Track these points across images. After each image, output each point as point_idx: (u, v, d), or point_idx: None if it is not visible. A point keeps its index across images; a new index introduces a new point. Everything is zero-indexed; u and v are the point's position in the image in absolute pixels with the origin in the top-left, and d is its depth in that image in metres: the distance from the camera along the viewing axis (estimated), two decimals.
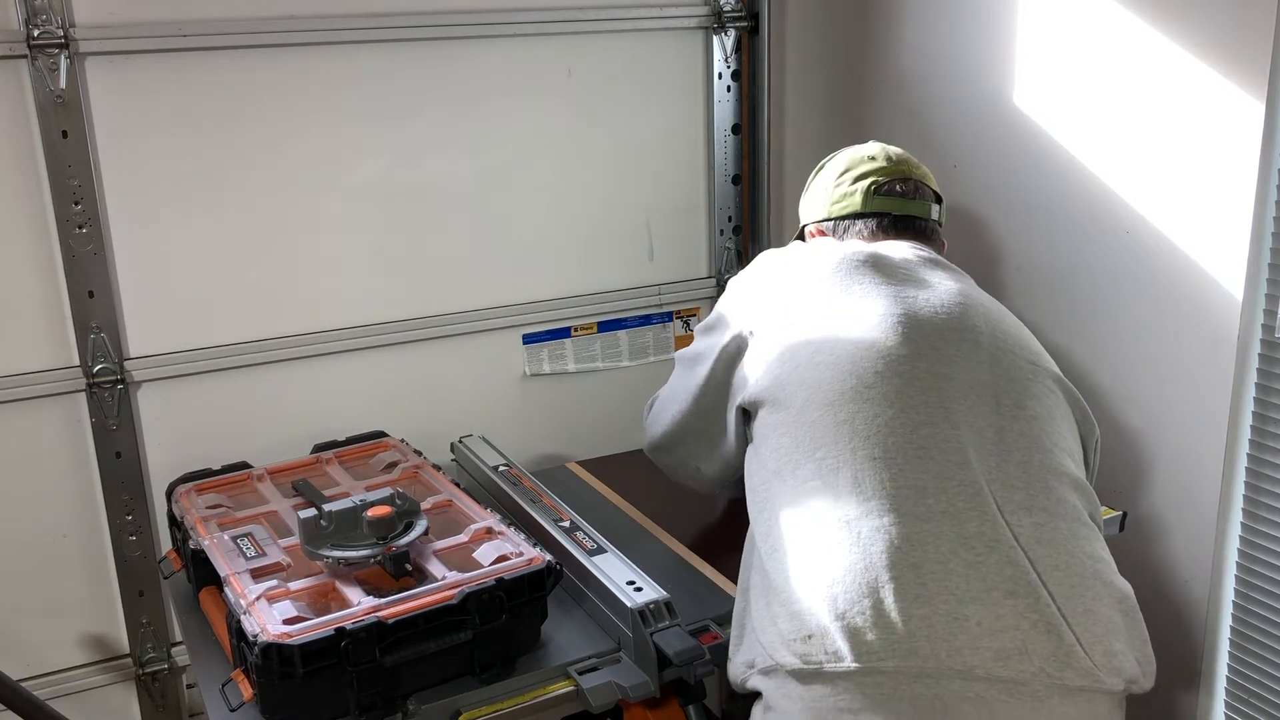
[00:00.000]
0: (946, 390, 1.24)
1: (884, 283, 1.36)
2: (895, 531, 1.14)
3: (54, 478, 1.89)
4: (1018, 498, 1.19)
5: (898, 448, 1.19)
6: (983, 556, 1.13)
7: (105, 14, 1.75)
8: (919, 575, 1.12)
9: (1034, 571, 1.14)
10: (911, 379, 1.25)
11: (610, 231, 2.24)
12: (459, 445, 2.03)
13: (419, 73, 1.99)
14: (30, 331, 1.82)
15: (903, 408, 1.22)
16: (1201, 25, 1.59)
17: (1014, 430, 1.24)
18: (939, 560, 1.12)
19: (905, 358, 1.26)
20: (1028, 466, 1.22)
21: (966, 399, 1.25)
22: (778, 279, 1.46)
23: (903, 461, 1.19)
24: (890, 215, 1.57)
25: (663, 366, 2.35)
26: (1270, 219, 1.56)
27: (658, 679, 1.41)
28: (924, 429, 1.21)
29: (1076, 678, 1.10)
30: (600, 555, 1.60)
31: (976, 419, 1.23)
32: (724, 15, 2.21)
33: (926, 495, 1.17)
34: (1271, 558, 1.64)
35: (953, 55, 2.02)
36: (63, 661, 1.96)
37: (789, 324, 1.38)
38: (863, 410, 1.22)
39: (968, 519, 1.15)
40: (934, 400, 1.23)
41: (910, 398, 1.23)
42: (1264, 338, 1.60)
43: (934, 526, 1.14)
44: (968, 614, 1.10)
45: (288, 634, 1.31)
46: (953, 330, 1.30)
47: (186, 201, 1.87)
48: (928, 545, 1.13)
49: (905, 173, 1.61)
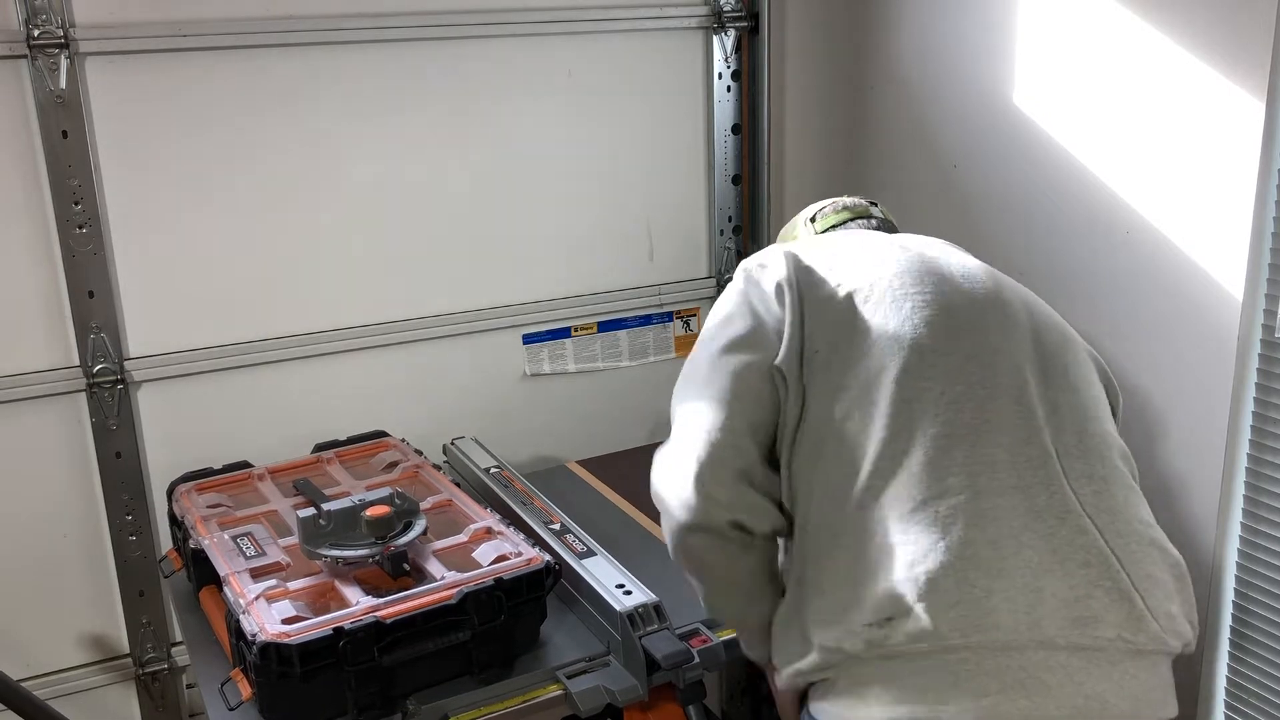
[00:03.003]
0: (1001, 365, 1.24)
1: (915, 261, 1.33)
2: (971, 509, 1.14)
3: (54, 478, 1.89)
4: (1078, 467, 1.21)
5: (966, 425, 1.19)
6: (1054, 528, 1.15)
7: (105, 14, 1.75)
8: (997, 550, 1.13)
9: (1102, 539, 1.16)
10: (969, 355, 1.23)
11: (610, 231, 2.24)
12: (451, 447, 2.03)
13: (419, 73, 1.99)
14: (30, 331, 1.82)
15: (967, 384, 1.21)
16: (1201, 25, 1.58)
17: (1065, 402, 1.25)
18: (1013, 534, 1.14)
19: (956, 333, 1.25)
20: (1082, 435, 1.23)
21: (1020, 373, 1.24)
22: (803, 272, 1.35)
23: (974, 438, 1.18)
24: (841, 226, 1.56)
25: (662, 366, 2.36)
26: (1270, 219, 1.56)
27: (647, 683, 1.41)
28: (989, 404, 1.20)
29: (1148, 641, 1.14)
30: (590, 558, 1.60)
31: (1032, 392, 1.23)
32: (724, 15, 2.21)
33: (998, 470, 1.17)
34: (1271, 558, 1.64)
35: (952, 55, 2.02)
36: (63, 661, 1.97)
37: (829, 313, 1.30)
38: (929, 389, 1.20)
39: (1037, 492, 1.16)
40: (991, 376, 1.22)
41: (971, 374, 1.22)
42: (1264, 338, 1.60)
43: (1007, 501, 1.15)
44: (1043, 585, 1.12)
45: (286, 633, 1.31)
46: (993, 306, 1.29)
47: (186, 201, 1.87)
48: (1002, 520, 1.14)
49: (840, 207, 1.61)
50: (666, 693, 1.45)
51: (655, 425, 2.37)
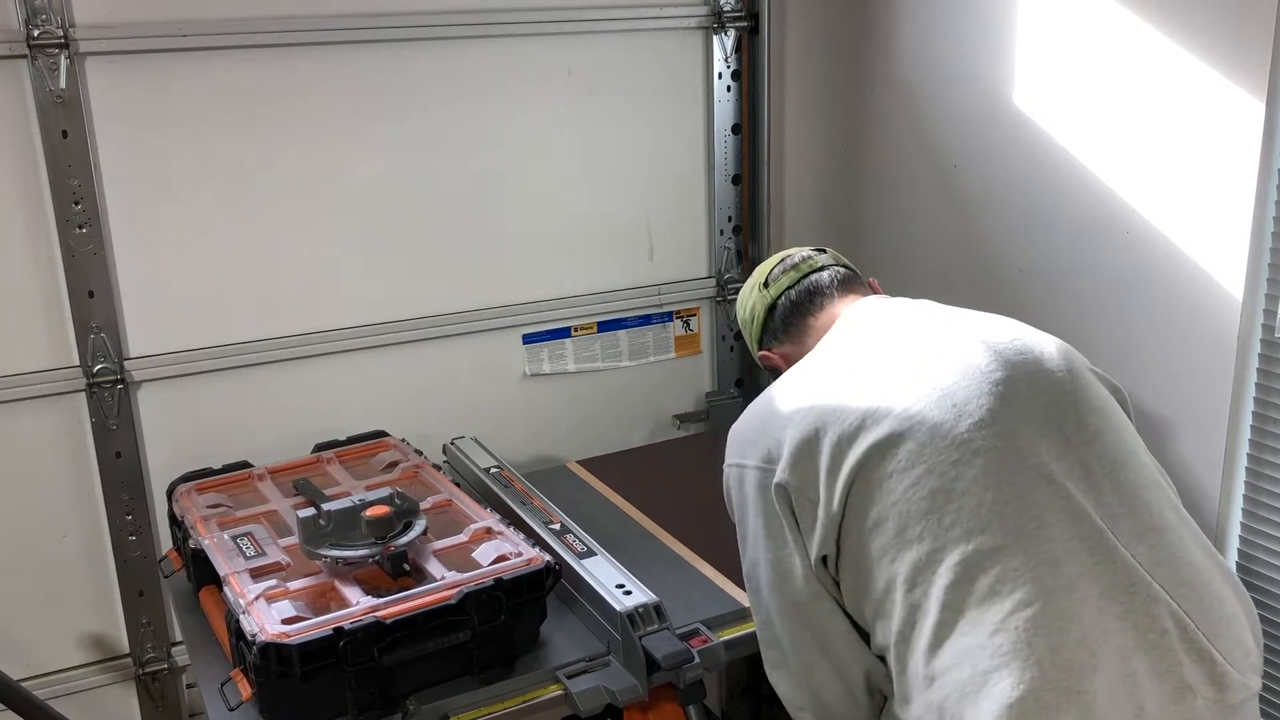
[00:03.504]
0: (1023, 447, 1.20)
1: (897, 360, 1.31)
2: (1049, 614, 1.12)
3: (54, 478, 1.89)
4: (1127, 526, 1.19)
5: (1015, 528, 1.16)
6: (1128, 604, 1.14)
7: (105, 14, 1.75)
8: (1087, 648, 1.12)
9: (1172, 601, 1.15)
10: (990, 454, 1.20)
11: (610, 231, 2.24)
12: (451, 447, 2.03)
13: (419, 73, 1.99)
14: (30, 331, 1.82)
15: (998, 486, 1.18)
16: (1201, 25, 1.58)
17: (1092, 455, 1.23)
18: (1095, 624, 1.12)
19: (969, 434, 1.21)
20: (1120, 489, 1.21)
21: (1041, 446, 1.21)
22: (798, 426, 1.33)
23: (1026, 542, 1.16)
24: (789, 288, 1.56)
25: (662, 366, 2.36)
26: (1270, 219, 1.56)
27: (646, 683, 1.41)
28: (1028, 498, 1.18)
29: (1234, 694, 1.15)
30: (590, 558, 1.60)
31: (1060, 462, 1.20)
32: (724, 15, 2.21)
33: (1060, 565, 1.14)
34: (1271, 558, 1.64)
35: (952, 55, 2.02)
36: (63, 661, 1.97)
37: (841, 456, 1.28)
38: (965, 506, 1.17)
39: (1102, 572, 1.15)
40: (1018, 464, 1.19)
41: (1000, 473, 1.19)
42: (1264, 338, 1.60)
43: (1080, 594, 1.14)
44: (1135, 668, 1.11)
45: (286, 634, 1.31)
46: (990, 382, 1.25)
47: (186, 201, 1.87)
48: (1081, 614, 1.13)
49: (780, 263, 1.61)
50: (666, 693, 1.45)
51: (655, 425, 2.37)
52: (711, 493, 2.06)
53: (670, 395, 2.38)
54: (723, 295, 2.36)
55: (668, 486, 2.02)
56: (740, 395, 2.42)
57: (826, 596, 1.30)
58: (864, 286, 1.58)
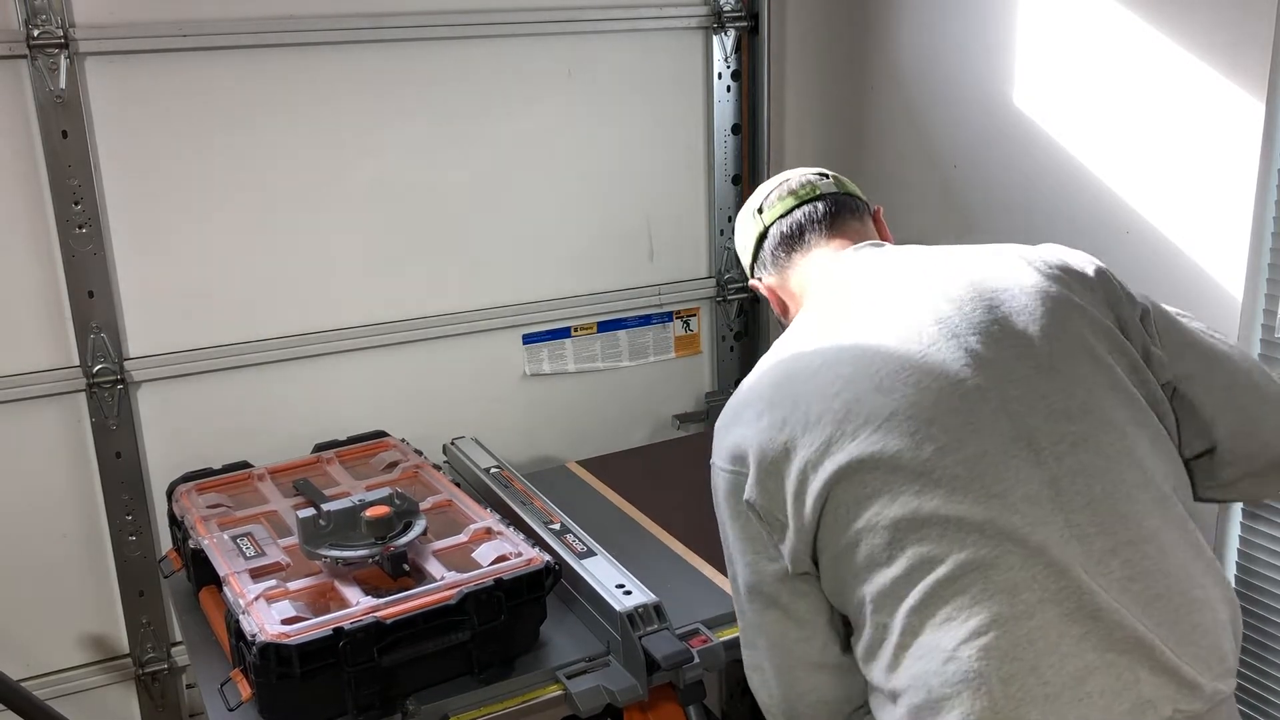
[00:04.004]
0: (987, 472, 1.17)
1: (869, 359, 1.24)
2: (1005, 643, 1.11)
3: (54, 478, 1.89)
4: (1098, 545, 1.15)
5: (973, 558, 1.14)
6: (1089, 628, 1.11)
7: (105, 14, 1.75)
8: (1040, 676, 1.10)
9: (1138, 620, 1.13)
10: (954, 482, 1.16)
11: (610, 231, 2.24)
12: (451, 447, 2.03)
13: (419, 72, 1.99)
14: (30, 331, 1.82)
15: (960, 517, 1.15)
16: (1201, 25, 1.58)
17: (1064, 472, 1.17)
18: (1053, 650, 1.11)
19: (933, 460, 1.17)
20: (1094, 505, 1.17)
21: (1008, 470, 1.17)
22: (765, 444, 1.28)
23: (987, 570, 1.13)
24: (782, 216, 1.48)
25: (662, 366, 2.36)
26: (1270, 219, 1.56)
27: (646, 683, 1.41)
28: (990, 527, 1.15)
29: (1204, 703, 1.12)
30: (590, 558, 1.60)
31: (1026, 487, 1.16)
32: (724, 15, 2.21)
33: (1019, 593, 1.12)
34: (1271, 558, 1.64)
35: (952, 55, 2.02)
36: (63, 661, 1.97)
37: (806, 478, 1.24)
38: (927, 536, 1.15)
39: (1065, 597, 1.12)
40: (981, 493, 1.15)
41: (964, 502, 1.16)
42: (1264, 338, 1.60)
43: (1038, 620, 1.11)
44: (1091, 689, 1.10)
45: (286, 634, 1.31)
46: (960, 395, 1.19)
47: (186, 201, 1.87)
48: (1037, 642, 1.11)
49: (781, 186, 1.53)
50: (667, 692, 1.45)
51: (655, 425, 2.37)
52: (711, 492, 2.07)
53: (670, 395, 2.38)
54: (723, 295, 2.36)
55: (668, 486, 2.02)
56: None
57: (802, 602, 1.27)
58: (862, 220, 1.49)
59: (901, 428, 1.18)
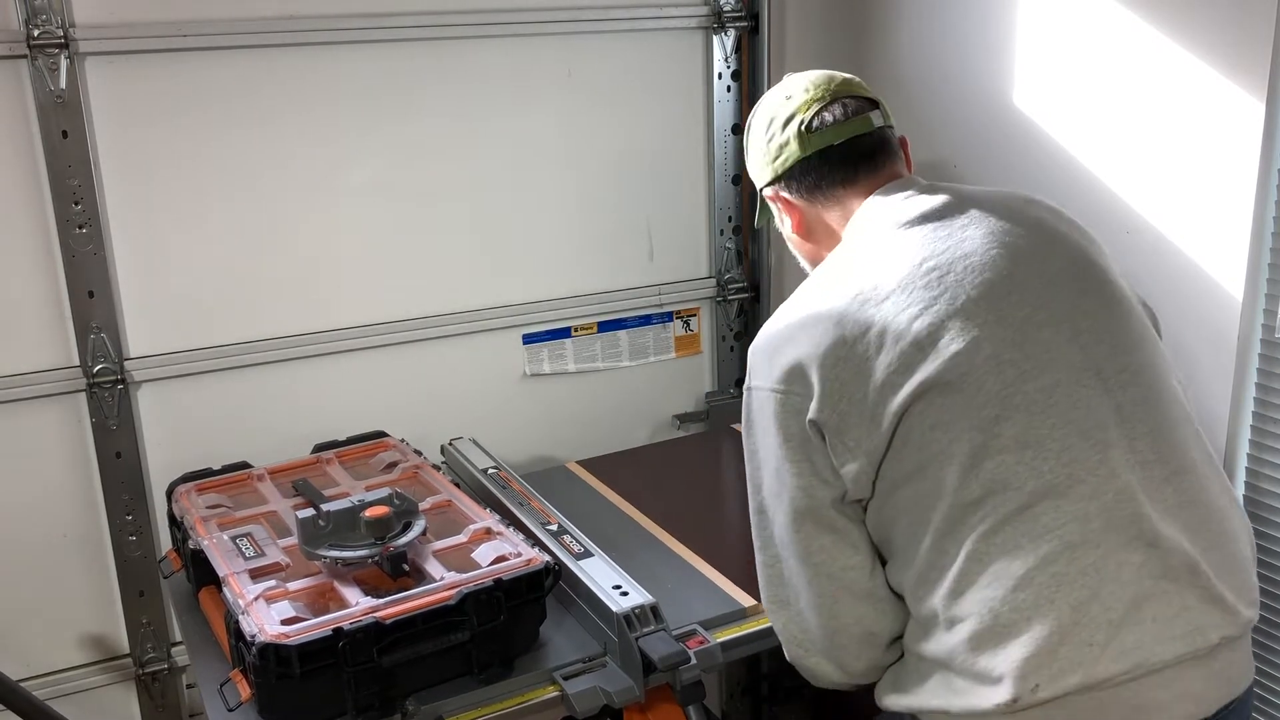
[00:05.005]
0: (1062, 401, 1.20)
1: (935, 291, 1.25)
2: (1074, 570, 1.16)
3: (54, 478, 1.89)
4: (1156, 473, 1.22)
5: (1049, 485, 1.18)
6: (1147, 555, 1.18)
7: (105, 14, 1.75)
8: (1103, 604, 1.16)
9: (1188, 546, 1.20)
10: (1032, 409, 1.20)
11: (610, 231, 2.24)
12: (449, 447, 2.03)
13: (419, 73, 1.99)
14: (30, 331, 1.82)
15: (1039, 443, 1.19)
16: (1201, 25, 1.58)
17: (1129, 401, 1.23)
18: (1115, 578, 1.16)
19: (1012, 388, 1.20)
20: (1153, 434, 1.23)
21: (1080, 397, 1.21)
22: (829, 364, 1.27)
23: (1059, 498, 1.18)
24: (832, 147, 1.41)
25: (662, 366, 2.36)
26: (1270, 219, 1.56)
27: (643, 684, 1.41)
28: (1065, 455, 1.19)
29: (1239, 630, 1.21)
30: (587, 559, 1.60)
31: (1097, 415, 1.21)
32: (724, 15, 2.21)
33: (1089, 521, 1.17)
34: (1272, 558, 1.64)
35: (952, 55, 2.02)
36: (63, 661, 1.97)
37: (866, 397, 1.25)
38: (1003, 463, 1.18)
39: (1127, 525, 1.18)
40: (1058, 419, 1.20)
41: (1040, 428, 1.19)
42: (1264, 338, 1.60)
43: (1104, 548, 1.17)
44: (1148, 615, 1.16)
45: (285, 634, 1.31)
46: (1034, 325, 1.23)
47: (186, 201, 1.87)
48: (1102, 569, 1.16)
49: (827, 96, 1.43)
50: (665, 693, 1.45)
51: (655, 425, 2.37)
52: (711, 493, 2.07)
53: (670, 395, 2.38)
54: (723, 295, 2.36)
55: (667, 486, 2.02)
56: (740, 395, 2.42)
57: (855, 529, 1.28)
58: (899, 157, 1.46)
59: (982, 352, 1.21)
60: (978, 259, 1.26)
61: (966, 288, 1.24)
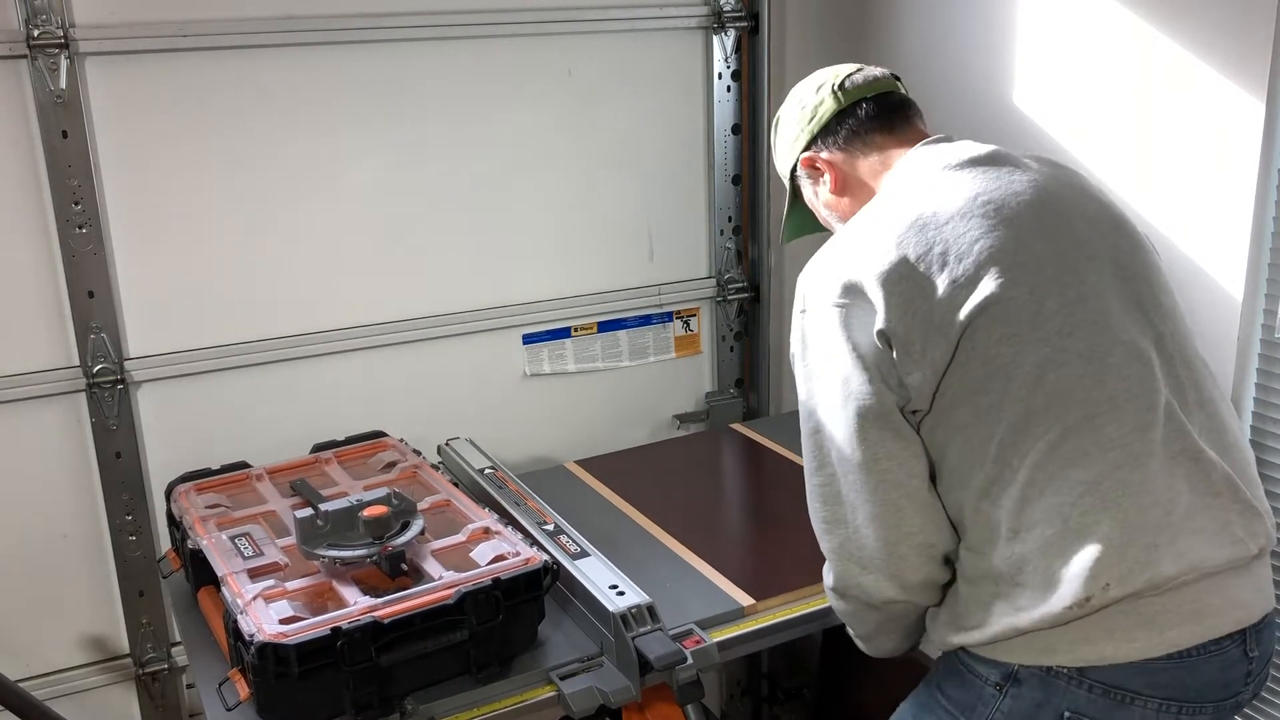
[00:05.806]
0: (1115, 325, 1.28)
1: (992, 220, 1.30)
2: (1135, 478, 1.23)
3: (54, 478, 1.89)
4: (1190, 397, 1.31)
5: (1110, 399, 1.24)
6: (1191, 469, 1.25)
7: (105, 14, 1.75)
8: (1162, 509, 1.23)
9: (1226, 465, 1.28)
10: (1090, 327, 1.27)
11: (610, 231, 2.24)
12: (445, 448, 2.03)
13: (419, 73, 1.99)
14: (30, 331, 1.83)
15: (1101, 359, 1.26)
16: (1201, 25, 1.58)
17: (1167, 332, 1.32)
18: (1169, 487, 1.24)
19: (1073, 307, 1.27)
20: (1187, 363, 1.33)
21: (1128, 321, 1.29)
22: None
23: (1119, 411, 1.24)
24: (866, 99, 1.48)
25: (662, 366, 2.36)
26: (1270, 219, 1.56)
27: (639, 683, 1.41)
28: (1122, 371, 1.26)
29: (1270, 543, 1.30)
30: (584, 559, 1.60)
31: (1144, 338, 1.29)
32: (724, 15, 2.21)
33: (1146, 432, 1.24)
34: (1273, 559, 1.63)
35: (952, 55, 2.02)
36: (62, 661, 1.97)
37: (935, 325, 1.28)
38: (1068, 375, 1.25)
39: (1174, 439, 1.26)
40: (1113, 340, 1.27)
41: (1100, 346, 1.26)
42: (1264, 338, 1.60)
43: (1158, 460, 1.24)
44: (1200, 525, 1.24)
45: (284, 634, 1.31)
46: (1085, 256, 1.31)
47: (186, 201, 1.88)
48: (1159, 477, 1.24)
49: (853, 69, 1.53)
50: (664, 692, 1.45)
51: (655, 425, 2.37)
52: (710, 493, 2.07)
53: (670, 395, 2.38)
54: (723, 295, 2.36)
55: (667, 486, 2.02)
56: (740, 395, 2.42)
57: (916, 437, 1.31)
58: (923, 119, 1.52)
59: (1045, 272, 1.28)
60: (1028, 197, 1.33)
61: (1024, 219, 1.31)
